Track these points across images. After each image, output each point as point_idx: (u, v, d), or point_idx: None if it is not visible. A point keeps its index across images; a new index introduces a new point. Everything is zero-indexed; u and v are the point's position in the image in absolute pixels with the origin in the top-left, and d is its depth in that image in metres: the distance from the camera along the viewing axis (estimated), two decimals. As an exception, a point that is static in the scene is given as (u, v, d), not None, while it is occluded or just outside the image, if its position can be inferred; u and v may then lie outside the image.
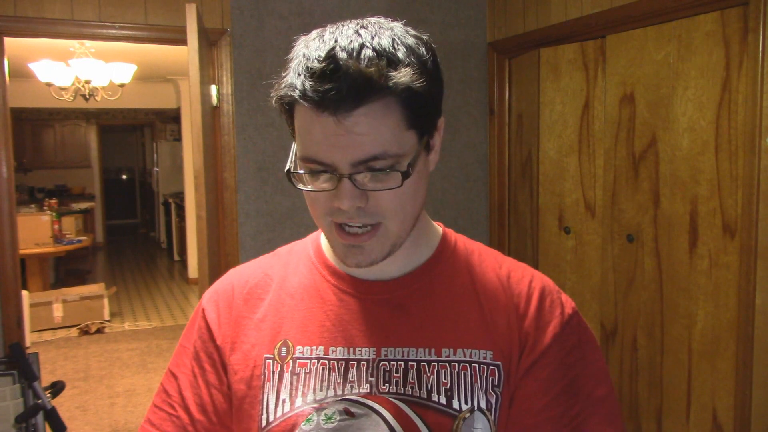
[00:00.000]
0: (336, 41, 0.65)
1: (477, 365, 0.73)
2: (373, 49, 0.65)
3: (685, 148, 2.45)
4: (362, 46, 0.65)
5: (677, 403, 2.55)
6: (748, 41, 2.20)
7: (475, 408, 0.71)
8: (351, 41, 0.65)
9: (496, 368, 0.72)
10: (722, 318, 2.36)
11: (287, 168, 0.74)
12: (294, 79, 0.67)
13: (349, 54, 0.64)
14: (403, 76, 0.64)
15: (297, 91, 0.66)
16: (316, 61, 0.65)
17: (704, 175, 2.39)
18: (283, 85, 0.70)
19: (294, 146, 0.74)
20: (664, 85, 2.51)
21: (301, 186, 0.72)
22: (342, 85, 0.63)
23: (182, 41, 2.46)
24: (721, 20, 2.30)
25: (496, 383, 0.72)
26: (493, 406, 0.71)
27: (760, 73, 2.15)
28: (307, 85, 0.65)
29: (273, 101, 0.72)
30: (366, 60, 0.64)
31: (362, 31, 0.67)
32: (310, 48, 0.67)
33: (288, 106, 0.71)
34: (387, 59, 0.65)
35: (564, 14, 2.92)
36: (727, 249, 2.33)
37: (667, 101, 2.50)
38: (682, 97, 2.45)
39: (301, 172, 0.71)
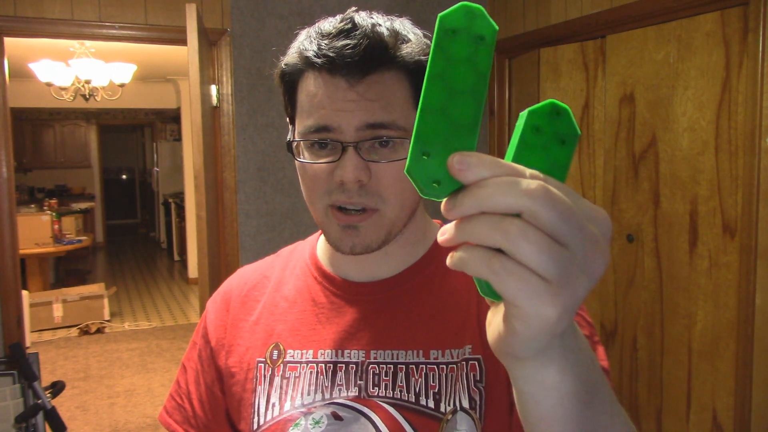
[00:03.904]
0: (351, 17, 0.67)
1: (461, 364, 0.70)
2: (386, 28, 0.67)
3: (685, 148, 2.45)
4: (375, 24, 0.67)
5: (677, 403, 2.55)
6: (748, 41, 2.20)
7: (458, 408, 0.68)
8: (364, 19, 0.67)
9: (476, 362, 0.69)
10: (722, 318, 2.36)
11: (288, 139, 0.73)
12: (306, 44, 0.67)
13: (366, 22, 0.66)
14: (414, 50, 0.67)
15: (311, 52, 0.66)
16: (331, 25, 0.66)
17: (704, 175, 2.39)
18: (290, 54, 0.70)
19: (291, 128, 0.73)
20: (664, 85, 2.51)
21: (302, 158, 0.70)
22: (360, 42, 0.64)
23: (182, 41, 2.46)
24: (721, 20, 2.30)
25: (478, 378, 0.69)
26: (477, 403, 0.68)
27: (760, 73, 2.15)
28: (323, 44, 0.65)
29: (276, 75, 0.72)
30: (382, 29, 0.66)
31: (374, 15, 0.69)
32: (321, 24, 0.68)
33: (292, 78, 0.70)
34: (398, 36, 0.67)
35: (564, 14, 2.92)
36: (727, 249, 2.33)
37: (667, 101, 2.50)
38: (682, 97, 2.45)
39: (304, 141, 0.69)
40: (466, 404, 0.68)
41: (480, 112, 0.37)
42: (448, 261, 0.35)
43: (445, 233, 0.35)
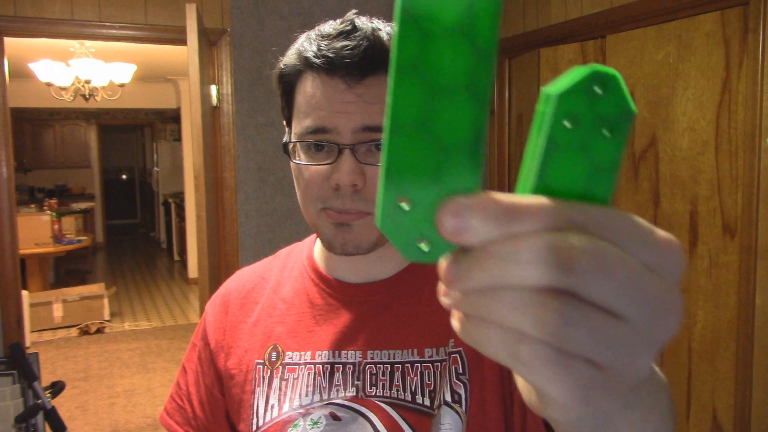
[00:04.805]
0: (351, 19, 0.67)
1: (445, 361, 0.71)
2: (386, 32, 0.67)
3: (685, 148, 2.45)
4: (376, 28, 0.67)
5: (677, 403, 2.55)
6: (748, 41, 2.20)
7: (441, 403, 0.68)
8: (365, 23, 0.67)
9: (457, 355, 0.70)
10: (722, 318, 2.36)
11: (285, 140, 0.73)
12: (306, 45, 0.68)
13: (366, 25, 0.67)
14: None
15: (310, 53, 0.66)
16: (331, 27, 0.67)
17: (704, 175, 2.39)
18: (289, 55, 0.70)
19: (287, 130, 0.74)
20: (664, 85, 2.51)
21: (298, 160, 0.70)
22: (359, 43, 0.64)
23: (182, 41, 2.46)
24: (721, 20, 2.30)
25: (460, 371, 0.69)
26: (462, 396, 0.68)
27: (760, 73, 2.15)
28: (322, 44, 0.65)
29: (275, 76, 0.72)
30: (382, 33, 0.67)
31: (374, 20, 0.69)
32: (321, 26, 0.69)
33: (290, 79, 0.70)
34: None
35: (564, 14, 2.92)
36: (727, 249, 2.33)
37: (667, 101, 2.50)
38: (682, 97, 2.45)
39: (300, 142, 0.69)
40: (448, 398, 0.68)
41: (484, 119, 0.24)
42: (456, 328, 0.26)
43: (449, 299, 0.26)
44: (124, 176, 13.12)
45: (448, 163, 0.24)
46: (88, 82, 5.52)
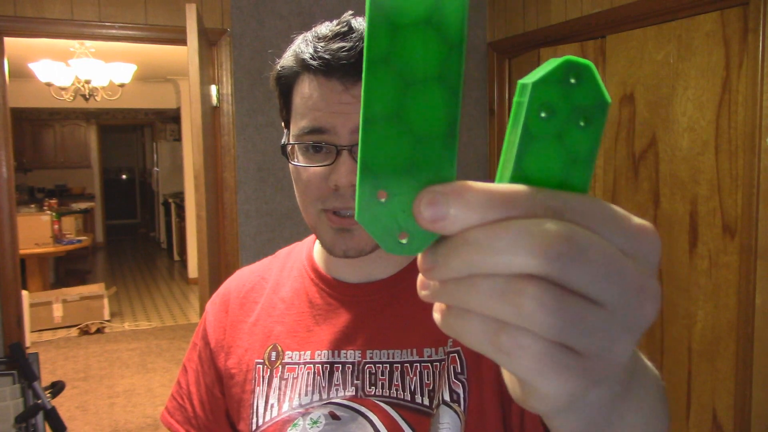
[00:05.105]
0: (347, 20, 0.67)
1: (444, 360, 0.71)
2: None
3: (685, 148, 2.45)
4: None
5: (677, 403, 2.55)
6: (748, 41, 2.20)
7: (440, 402, 0.68)
8: (361, 23, 0.67)
9: (456, 354, 0.70)
10: (722, 318, 2.36)
11: (283, 142, 0.73)
12: (303, 47, 0.68)
13: (362, 26, 0.67)
14: None
15: (307, 54, 0.66)
16: (327, 28, 0.67)
17: (704, 175, 2.39)
18: (286, 57, 0.71)
19: (286, 132, 0.74)
20: (664, 85, 2.51)
21: (296, 161, 0.70)
22: (356, 44, 0.64)
23: (182, 41, 2.46)
24: (721, 20, 2.30)
25: (459, 370, 0.69)
26: (461, 396, 0.68)
27: (760, 73, 2.15)
28: (319, 46, 0.66)
29: (273, 78, 0.72)
30: None
31: None
32: (318, 27, 0.69)
33: (288, 81, 0.70)
34: None
35: (564, 14, 2.92)
36: (727, 249, 2.33)
37: (667, 101, 2.50)
38: (682, 97, 2.45)
39: (299, 144, 0.69)
40: (447, 397, 0.68)
41: (457, 109, 0.24)
42: (437, 320, 0.26)
43: (426, 289, 0.26)
44: (124, 176, 13.12)
45: (423, 154, 0.24)
46: (88, 82, 5.52)
